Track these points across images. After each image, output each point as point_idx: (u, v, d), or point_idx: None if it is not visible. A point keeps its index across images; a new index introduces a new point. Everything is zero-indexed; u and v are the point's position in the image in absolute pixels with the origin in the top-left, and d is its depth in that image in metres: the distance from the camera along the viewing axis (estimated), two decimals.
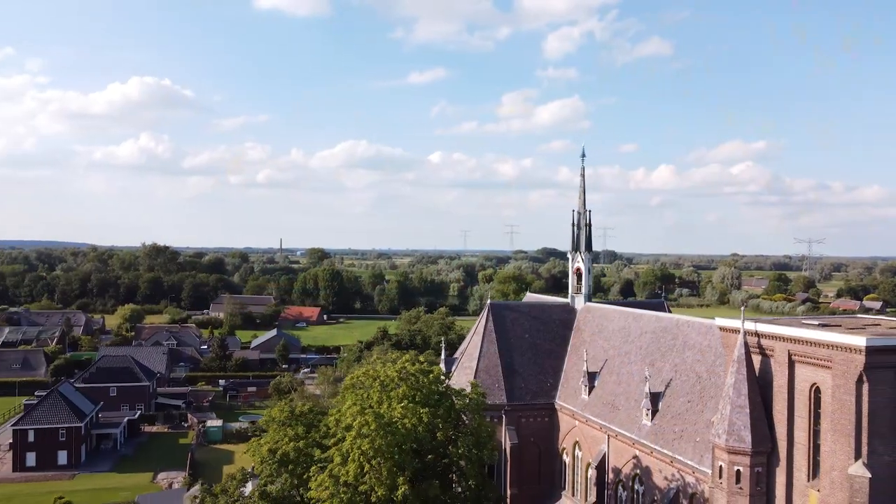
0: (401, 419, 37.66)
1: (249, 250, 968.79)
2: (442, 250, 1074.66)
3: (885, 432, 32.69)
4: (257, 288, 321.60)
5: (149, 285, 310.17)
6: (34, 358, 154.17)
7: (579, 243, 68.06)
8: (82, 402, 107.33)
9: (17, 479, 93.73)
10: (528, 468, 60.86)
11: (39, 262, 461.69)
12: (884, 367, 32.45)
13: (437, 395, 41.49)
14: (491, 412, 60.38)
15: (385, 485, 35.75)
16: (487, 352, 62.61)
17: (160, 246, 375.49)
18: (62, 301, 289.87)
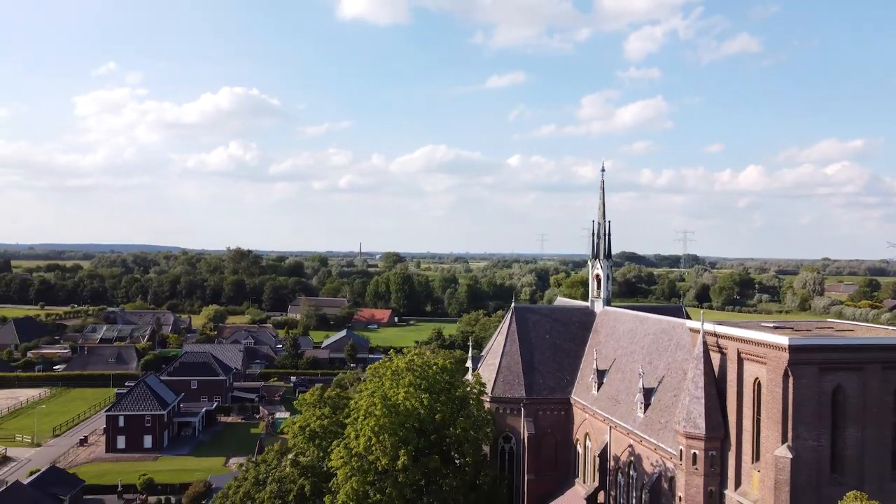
0: (403, 402, 44.78)
1: (331, 254, 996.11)
2: (519, 254, 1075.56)
3: (809, 420, 37.54)
4: (332, 291, 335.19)
5: (232, 287, 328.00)
6: (127, 353, 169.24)
7: (599, 252, 73.52)
8: (166, 393, 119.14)
9: (109, 459, 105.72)
10: (546, 456, 66.74)
11: (135, 265, 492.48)
12: (807, 363, 37.34)
13: (442, 384, 48.31)
14: (511, 405, 66.93)
15: (388, 455, 42.88)
16: (510, 350, 68.91)
17: (243, 250, 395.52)
18: (154, 301, 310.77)
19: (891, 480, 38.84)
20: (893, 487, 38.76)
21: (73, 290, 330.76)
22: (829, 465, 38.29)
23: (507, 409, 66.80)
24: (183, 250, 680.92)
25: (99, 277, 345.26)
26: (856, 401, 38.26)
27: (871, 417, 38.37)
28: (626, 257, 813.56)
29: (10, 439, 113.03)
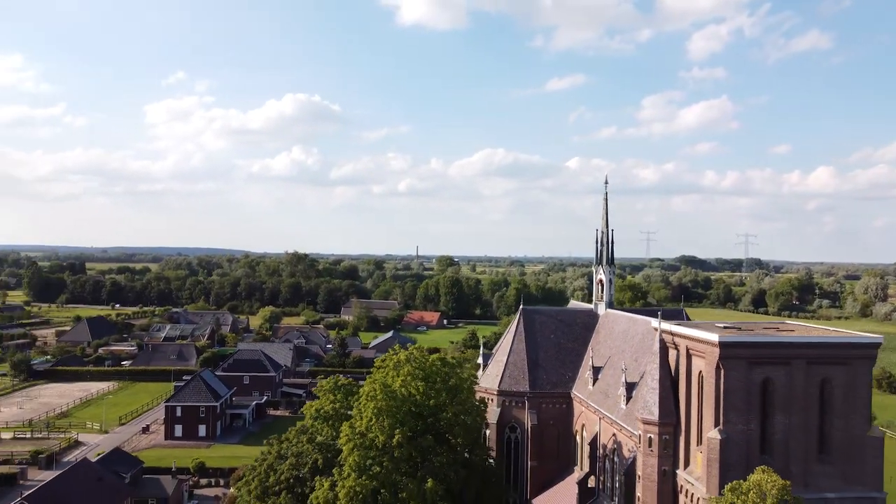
0: (400, 388, 51.97)
1: (389, 257, 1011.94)
2: (577, 258, 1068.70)
3: (739, 407, 43.14)
4: (384, 293, 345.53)
5: (289, 290, 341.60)
6: (187, 350, 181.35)
7: (602, 258, 79.38)
8: (219, 387, 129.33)
9: (167, 445, 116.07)
10: (548, 446, 72.97)
11: (200, 267, 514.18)
12: (736, 357, 43.02)
13: (438, 374, 55.36)
14: (516, 397, 73.43)
15: (386, 434, 50.11)
16: (517, 349, 75.42)
17: (300, 254, 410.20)
18: (216, 302, 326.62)
19: (816, 462, 44.09)
20: (818, 469, 44.01)
21: (142, 291, 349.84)
22: (759, 447, 43.84)
23: (513, 402, 73.31)
24: (245, 253, 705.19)
25: (165, 279, 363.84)
26: (783, 391, 43.71)
27: (798, 406, 43.73)
28: (686, 261, 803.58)
29: (82, 426, 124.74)
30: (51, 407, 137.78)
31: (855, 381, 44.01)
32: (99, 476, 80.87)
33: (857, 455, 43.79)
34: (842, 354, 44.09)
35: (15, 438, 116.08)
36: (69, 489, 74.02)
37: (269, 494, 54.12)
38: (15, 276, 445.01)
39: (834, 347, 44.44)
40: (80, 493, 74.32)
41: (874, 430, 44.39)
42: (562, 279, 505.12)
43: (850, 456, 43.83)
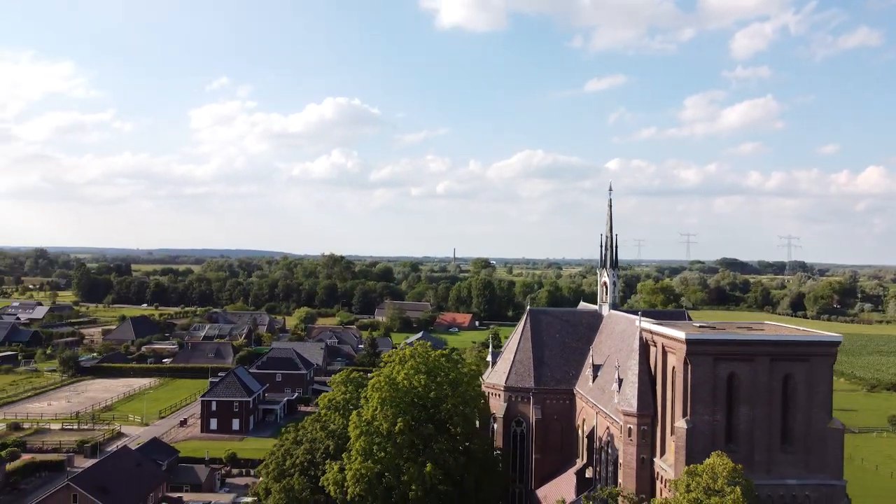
0: (402, 381, 56.85)
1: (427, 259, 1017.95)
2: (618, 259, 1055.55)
3: (705, 399, 47.02)
4: (417, 295, 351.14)
5: (325, 291, 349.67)
6: (224, 349, 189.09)
7: (606, 262, 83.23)
8: (252, 383, 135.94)
9: (203, 438, 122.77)
10: (552, 439, 77.08)
11: (240, 269, 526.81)
12: (702, 354, 46.93)
13: (441, 369, 60.10)
14: (521, 393, 77.69)
15: (389, 422, 54.99)
16: (523, 347, 79.71)
17: (336, 256, 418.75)
18: (254, 303, 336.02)
19: (779, 451, 47.72)
20: (781, 457, 47.63)
21: (184, 292, 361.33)
22: (725, 436, 47.67)
23: (519, 397, 77.59)
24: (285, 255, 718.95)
25: (206, 281, 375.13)
26: (747, 385, 47.47)
27: (762, 399, 47.44)
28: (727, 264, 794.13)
29: (125, 419, 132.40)
30: (96, 401, 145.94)
31: (816, 377, 47.54)
32: (137, 462, 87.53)
33: (818, 445, 47.33)
34: (803, 352, 47.69)
35: (63, 429, 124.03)
36: (110, 473, 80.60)
37: (285, 476, 59.48)
38: (65, 277, 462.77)
39: (795, 345, 48.08)
40: (119, 477, 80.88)
41: (835, 422, 47.82)
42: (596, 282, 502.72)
43: (812, 446, 47.39)
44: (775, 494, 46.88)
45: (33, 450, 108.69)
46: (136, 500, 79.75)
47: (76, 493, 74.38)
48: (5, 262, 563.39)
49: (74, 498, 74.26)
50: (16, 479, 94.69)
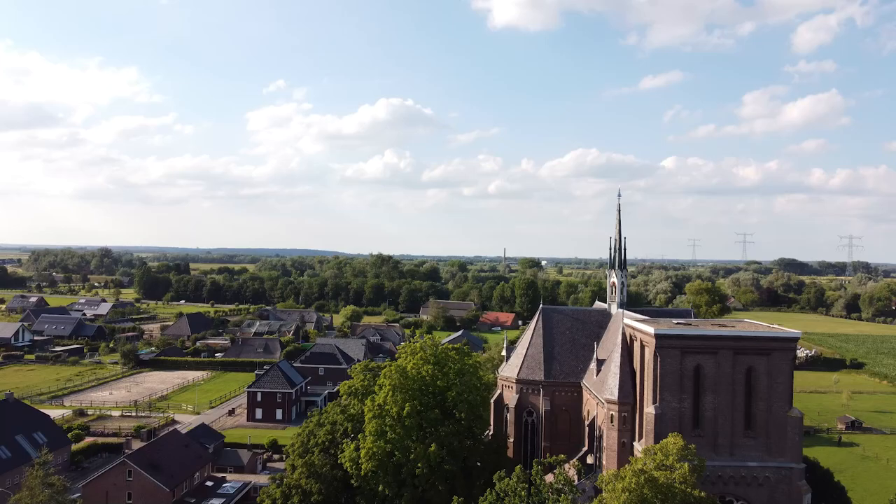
0: (411, 370, 63.42)
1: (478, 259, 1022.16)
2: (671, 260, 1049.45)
3: (672, 388, 52.26)
4: (462, 295, 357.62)
5: (372, 290, 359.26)
6: (272, 344, 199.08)
7: (615, 263, 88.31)
8: (295, 376, 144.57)
9: (248, 426, 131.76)
10: (560, 429, 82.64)
11: (293, 268, 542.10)
12: (670, 347, 52.20)
13: (449, 360, 66.48)
14: (532, 385, 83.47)
15: (398, 406, 61.58)
16: (535, 343, 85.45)
17: (385, 256, 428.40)
18: (305, 301, 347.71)
19: (742, 436, 52.66)
20: (744, 442, 52.57)
21: (238, 290, 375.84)
22: (692, 422, 52.85)
23: (530, 389, 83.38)
24: (339, 255, 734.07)
25: (259, 280, 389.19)
26: (712, 376, 52.56)
27: (725, 389, 52.45)
28: (785, 265, 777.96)
29: (178, 408, 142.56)
30: (153, 391, 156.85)
31: (776, 370, 52.34)
32: (186, 444, 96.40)
33: (778, 431, 52.11)
34: (763, 346, 52.53)
35: (122, 416, 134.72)
36: (161, 453, 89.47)
37: (308, 453, 66.65)
38: (128, 276, 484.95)
39: (755, 340, 52.92)
40: (169, 457, 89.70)
41: (794, 410, 52.49)
42: (644, 282, 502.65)
43: (772, 432, 52.20)
44: (737, 475, 51.89)
45: (95, 433, 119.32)
46: (184, 477, 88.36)
47: (131, 469, 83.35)
48: (73, 261, 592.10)
49: (129, 473, 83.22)
50: (79, 459, 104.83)
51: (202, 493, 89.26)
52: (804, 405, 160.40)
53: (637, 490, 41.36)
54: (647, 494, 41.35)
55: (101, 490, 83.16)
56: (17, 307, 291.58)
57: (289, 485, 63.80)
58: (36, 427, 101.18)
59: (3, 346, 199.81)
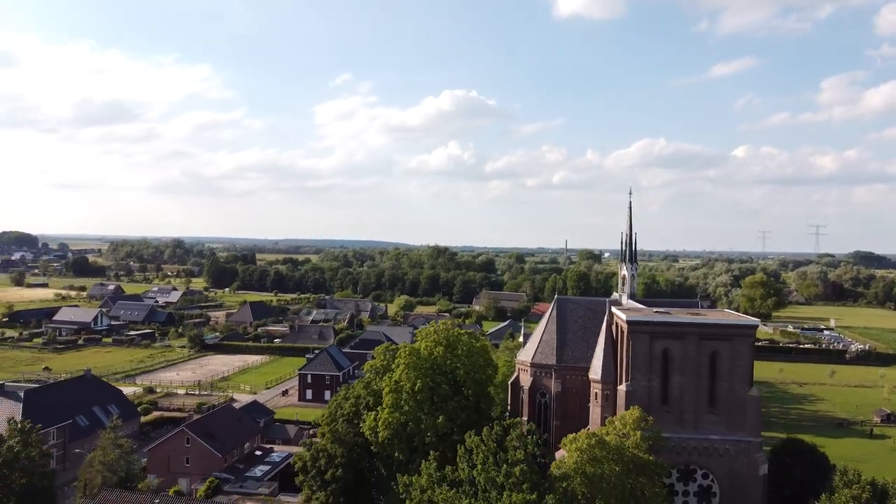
0: (423, 350, 71.81)
1: (541, 250, 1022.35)
2: (741, 252, 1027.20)
3: (642, 368, 59.06)
4: (515, 286, 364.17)
5: (428, 281, 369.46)
6: (327, 331, 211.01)
7: (625, 256, 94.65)
8: (343, 360, 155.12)
9: (299, 406, 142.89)
10: (571, 409, 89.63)
11: (354, 259, 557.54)
12: (640, 332, 59.02)
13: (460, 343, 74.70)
14: (545, 369, 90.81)
15: (411, 382, 70.02)
16: (549, 330, 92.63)
17: (441, 247, 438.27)
18: (363, 291, 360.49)
19: (706, 413, 59.14)
20: (707, 417, 59.04)
21: (300, 280, 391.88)
22: (661, 399, 59.60)
23: (543, 373, 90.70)
24: (398, 246, 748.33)
25: (320, 270, 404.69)
26: (679, 359, 59.19)
27: (691, 371, 59.00)
28: (861, 257, 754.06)
29: (237, 388, 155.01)
30: (215, 372, 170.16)
31: (737, 354, 58.59)
32: (238, 418, 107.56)
33: (738, 409, 58.42)
34: (725, 333, 58.85)
35: (187, 394, 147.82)
36: (216, 424, 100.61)
37: (334, 421, 75.93)
38: (198, 266, 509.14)
39: (718, 327, 59.28)
40: (223, 428, 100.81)
41: (753, 390, 58.64)
42: (704, 275, 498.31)
43: (733, 409, 58.53)
44: (701, 447, 58.47)
45: (162, 408, 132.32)
46: (235, 446, 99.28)
47: (188, 436, 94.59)
48: (148, 252, 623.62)
49: (187, 440, 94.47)
50: (147, 430, 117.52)
51: (251, 461, 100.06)
52: (845, 398, 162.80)
53: (588, 450, 48.57)
54: (598, 454, 48.50)
55: (164, 454, 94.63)
56: (97, 294, 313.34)
57: (317, 449, 73.23)
58: (110, 400, 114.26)
59: (84, 330, 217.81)
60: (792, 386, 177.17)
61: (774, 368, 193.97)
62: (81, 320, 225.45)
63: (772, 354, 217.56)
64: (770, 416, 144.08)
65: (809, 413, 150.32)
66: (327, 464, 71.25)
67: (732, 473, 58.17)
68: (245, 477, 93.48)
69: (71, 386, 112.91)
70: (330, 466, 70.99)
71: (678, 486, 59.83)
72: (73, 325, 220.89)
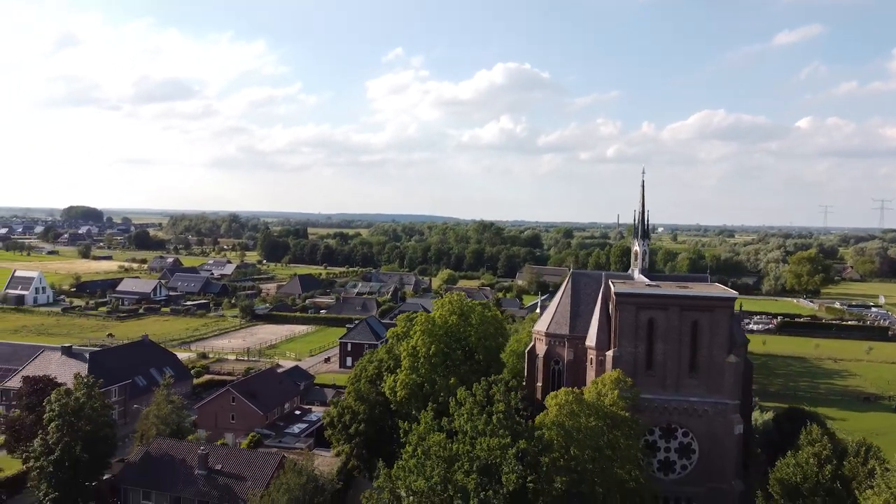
0: (437, 318, 78.89)
1: (593, 225, 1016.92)
2: (801, 227, 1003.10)
3: (628, 336, 64.85)
4: (559, 261, 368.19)
5: (473, 255, 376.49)
6: (370, 303, 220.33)
7: (638, 233, 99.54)
8: (381, 330, 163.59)
9: (339, 372, 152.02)
10: (581, 376, 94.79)
11: (403, 233, 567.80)
12: (627, 303, 64.75)
13: (473, 313, 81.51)
14: (558, 338, 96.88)
15: (425, 346, 77.26)
16: (563, 302, 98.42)
17: (487, 222, 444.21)
18: (409, 265, 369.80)
19: (687, 377, 64.71)
20: (688, 381, 64.63)
21: (349, 254, 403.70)
22: (646, 364, 65.39)
23: (556, 342, 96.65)
24: (447, 221, 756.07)
25: (368, 244, 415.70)
26: (663, 328, 64.77)
27: (674, 338, 64.54)
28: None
29: (283, 355, 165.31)
30: (264, 341, 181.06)
31: (717, 323, 63.85)
32: (280, 380, 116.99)
33: (717, 374, 63.84)
34: (706, 304, 64.14)
35: (237, 360, 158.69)
36: (259, 385, 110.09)
37: (357, 382, 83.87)
38: (253, 240, 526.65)
39: (699, 299, 64.57)
40: (265, 388, 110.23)
41: (731, 357, 63.88)
42: (755, 251, 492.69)
43: (712, 374, 63.98)
44: (681, 407, 64.22)
45: (213, 372, 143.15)
46: (276, 405, 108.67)
47: (233, 395, 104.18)
48: (206, 226, 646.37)
49: (232, 399, 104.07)
50: (199, 391, 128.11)
51: (290, 419, 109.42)
52: (879, 374, 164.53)
53: (567, 405, 54.82)
54: (575, 409, 54.72)
55: (212, 411, 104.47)
56: (157, 267, 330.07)
57: (342, 406, 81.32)
58: (165, 363, 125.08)
59: (144, 300, 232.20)
60: (827, 362, 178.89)
61: (811, 344, 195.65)
62: (142, 291, 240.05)
63: (811, 331, 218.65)
64: (798, 389, 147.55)
65: (839, 388, 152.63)
66: (351, 419, 79.30)
67: (710, 432, 63.72)
68: (284, 433, 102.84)
69: (130, 349, 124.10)
70: (353, 422, 79.03)
71: (661, 443, 65.73)
72: (134, 295, 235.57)
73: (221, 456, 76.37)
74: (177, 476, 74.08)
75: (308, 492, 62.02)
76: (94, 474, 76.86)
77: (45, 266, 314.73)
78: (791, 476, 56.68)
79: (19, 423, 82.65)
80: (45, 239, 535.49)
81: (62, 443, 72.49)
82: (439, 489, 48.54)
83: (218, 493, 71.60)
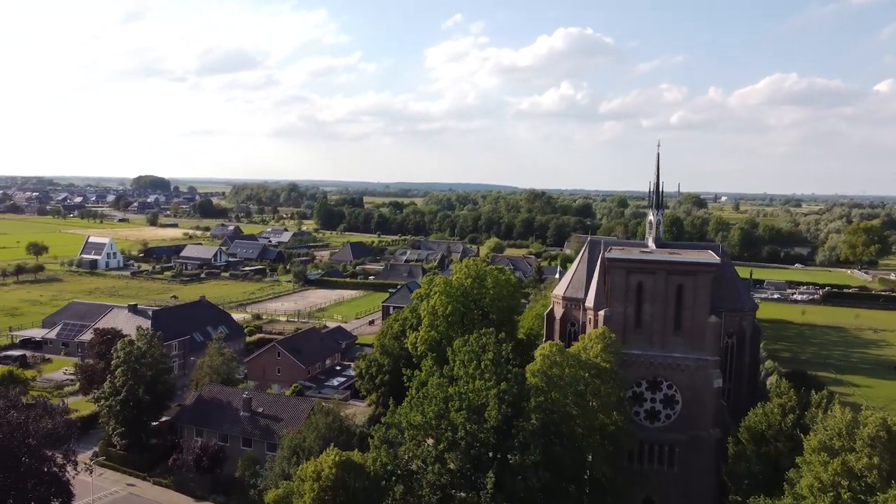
0: (455, 281, 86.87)
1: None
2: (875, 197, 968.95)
3: (619, 297, 71.41)
4: (608, 230, 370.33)
5: (523, 224, 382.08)
6: (416, 270, 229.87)
7: (653, 203, 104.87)
8: None
9: None
10: None
11: (457, 202, 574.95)
12: (618, 268, 71.27)
13: (489, 276, 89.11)
14: (575, 302, 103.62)
15: (443, 306, 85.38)
16: (580, 268, 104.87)
17: (538, 191, 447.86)
18: (460, 234, 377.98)
19: (671, 335, 71.04)
20: (673, 339, 70.98)
21: (402, 222, 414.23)
22: (634, 323, 72.00)
23: (572, 305, 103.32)
24: (504, 189, 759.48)
25: (421, 213, 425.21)
26: (650, 290, 71.09)
27: (660, 300, 70.84)
28: None
29: (331, 317, 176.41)
30: (314, 304, 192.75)
31: (700, 287, 69.85)
32: (322, 338, 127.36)
33: (699, 333, 70.04)
34: (689, 269, 70.16)
35: (287, 321, 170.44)
36: (302, 342, 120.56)
37: (383, 337, 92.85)
38: (311, 208, 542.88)
39: (683, 265, 70.60)
40: (308, 345, 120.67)
41: (712, 318, 69.90)
42: (815, 221, 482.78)
43: (695, 333, 70.19)
44: (666, 362, 70.79)
45: (265, 332, 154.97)
46: (317, 360, 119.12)
47: (279, 350, 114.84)
48: (266, 195, 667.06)
49: (278, 353, 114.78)
50: (252, 348, 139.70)
51: (331, 374, 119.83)
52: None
53: (551, 356, 62.13)
54: (559, 359, 61.98)
55: (260, 365, 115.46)
56: (218, 234, 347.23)
57: (369, 359, 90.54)
58: (221, 322, 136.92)
59: (206, 265, 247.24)
60: (867, 332, 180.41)
61: (851, 314, 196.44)
62: (203, 257, 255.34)
63: (857, 302, 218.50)
64: (829, 357, 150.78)
65: (872, 357, 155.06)
66: (377, 371, 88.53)
67: (692, 385, 70.01)
68: (324, 385, 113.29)
69: (189, 308, 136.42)
70: (379, 373, 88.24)
71: (647, 395, 72.37)
72: (196, 260, 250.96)
73: (263, 401, 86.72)
74: (224, 416, 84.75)
75: (333, 430, 71.24)
76: (155, 414, 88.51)
77: (115, 233, 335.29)
78: (758, 424, 62.97)
79: (91, 370, 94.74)
80: (117, 207, 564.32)
81: (127, 385, 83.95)
82: (434, 423, 56.90)
83: (259, 431, 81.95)
